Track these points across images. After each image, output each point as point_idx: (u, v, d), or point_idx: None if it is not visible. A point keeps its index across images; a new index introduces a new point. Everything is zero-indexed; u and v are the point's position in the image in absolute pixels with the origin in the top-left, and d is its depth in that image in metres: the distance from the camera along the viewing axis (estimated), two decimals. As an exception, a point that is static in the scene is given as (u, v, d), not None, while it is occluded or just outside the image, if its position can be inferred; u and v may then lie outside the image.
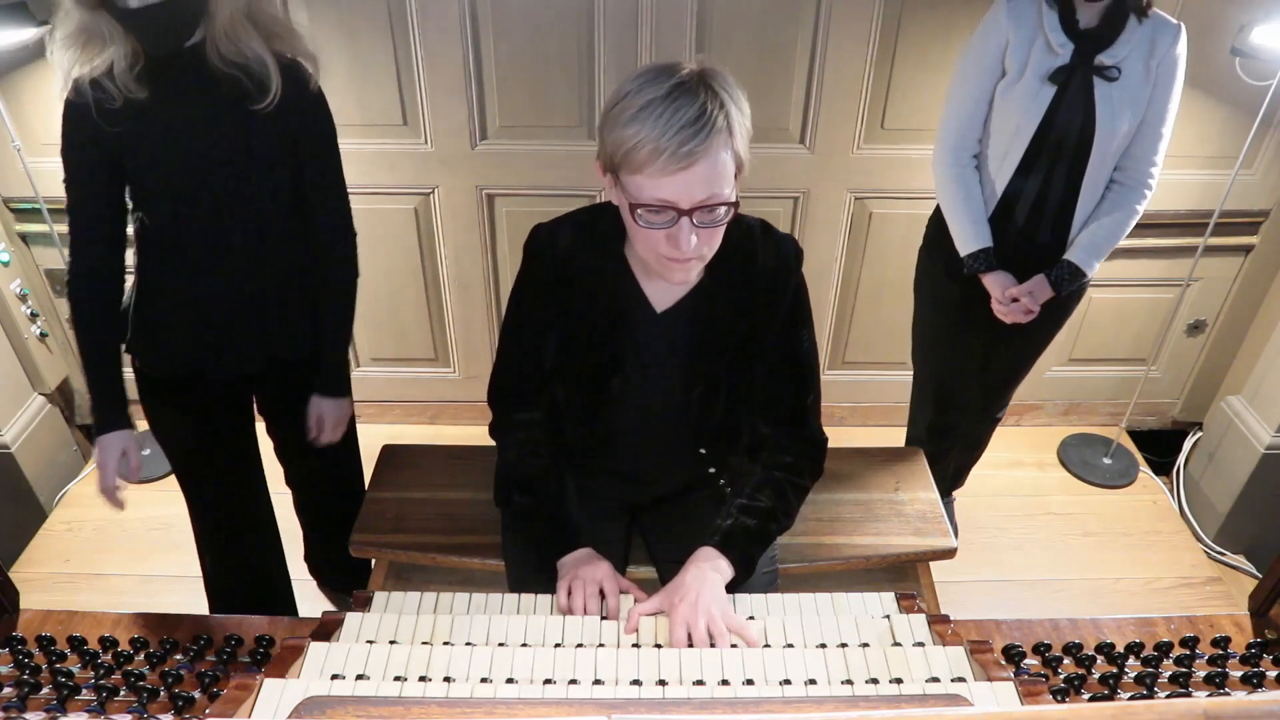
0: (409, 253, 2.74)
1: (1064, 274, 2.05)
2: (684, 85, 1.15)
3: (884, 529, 1.95)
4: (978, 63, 1.98)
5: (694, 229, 1.20)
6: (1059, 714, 0.86)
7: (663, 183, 1.17)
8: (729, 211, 1.22)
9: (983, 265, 2.06)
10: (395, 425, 3.10)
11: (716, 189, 1.18)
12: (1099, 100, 1.90)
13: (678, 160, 1.14)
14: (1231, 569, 2.66)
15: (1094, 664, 1.31)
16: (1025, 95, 1.93)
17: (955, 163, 2.06)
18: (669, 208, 1.19)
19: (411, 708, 0.97)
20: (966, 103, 2.02)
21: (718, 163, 1.17)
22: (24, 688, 1.18)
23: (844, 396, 3.07)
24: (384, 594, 1.42)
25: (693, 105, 1.14)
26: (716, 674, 1.15)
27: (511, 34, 2.37)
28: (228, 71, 1.46)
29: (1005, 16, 1.92)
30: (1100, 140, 1.93)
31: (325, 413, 1.80)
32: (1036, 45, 1.91)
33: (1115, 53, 1.89)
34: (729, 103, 1.17)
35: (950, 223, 2.10)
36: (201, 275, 1.62)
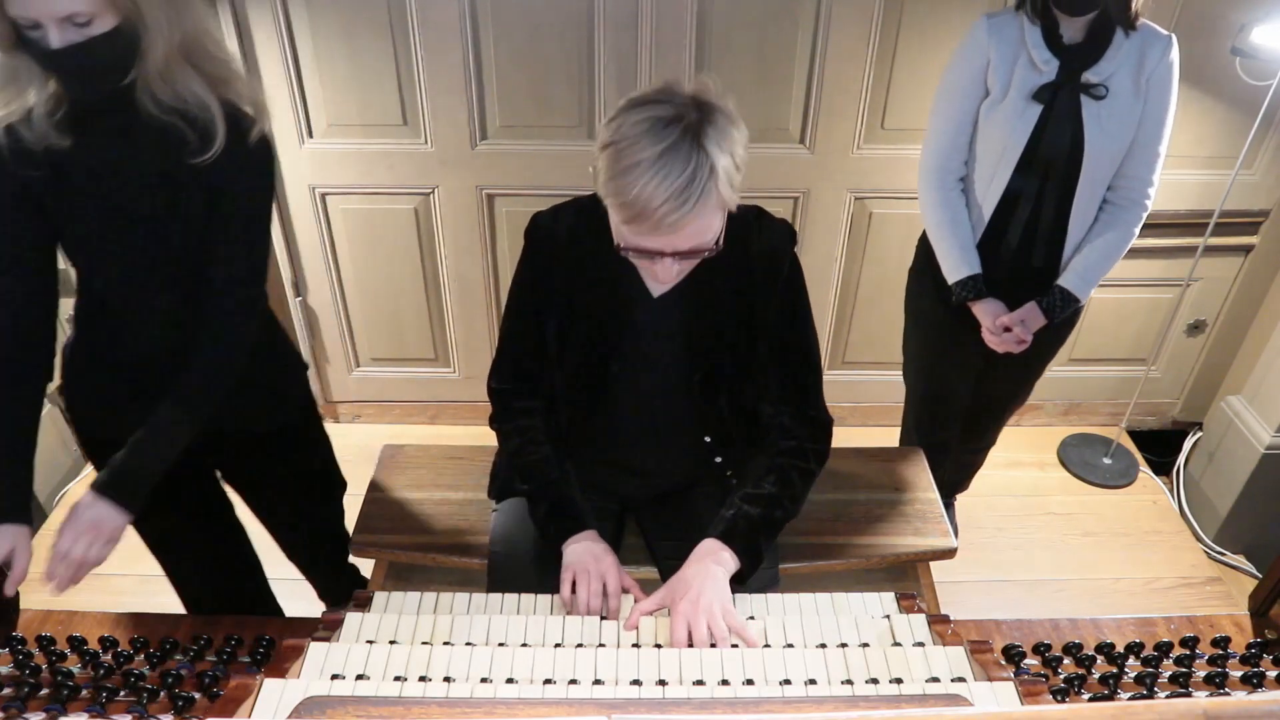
0: (409, 253, 2.75)
1: (1056, 301, 1.99)
2: (675, 148, 1.14)
3: (884, 529, 1.95)
4: (958, 83, 1.91)
5: (676, 262, 1.25)
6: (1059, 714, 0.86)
7: (647, 239, 1.21)
8: (713, 252, 1.26)
9: (972, 293, 1.99)
10: (395, 425, 3.10)
11: (700, 241, 1.22)
12: (1087, 119, 1.83)
13: (664, 227, 1.17)
14: (1231, 569, 2.66)
15: (1094, 664, 1.31)
16: (1010, 115, 1.85)
17: (940, 186, 1.99)
18: (654, 253, 1.23)
19: (411, 708, 0.97)
20: (949, 124, 1.95)
21: (705, 223, 1.20)
22: (24, 688, 1.18)
23: (844, 396, 3.07)
24: (384, 594, 1.42)
25: (683, 172, 1.14)
26: (716, 674, 1.15)
27: (511, 34, 2.37)
28: (163, 118, 1.29)
29: (985, 34, 1.84)
30: (1090, 160, 1.86)
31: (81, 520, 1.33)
32: (1020, 63, 1.83)
33: (1102, 69, 1.81)
34: (720, 156, 1.16)
35: (937, 249, 2.03)
36: (131, 338, 1.47)
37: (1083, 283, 1.97)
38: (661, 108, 1.17)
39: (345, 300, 2.86)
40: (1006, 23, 1.84)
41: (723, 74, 2.42)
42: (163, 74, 1.26)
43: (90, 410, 1.56)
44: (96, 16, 1.16)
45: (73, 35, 1.16)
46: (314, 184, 2.61)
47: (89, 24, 1.16)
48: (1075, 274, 1.98)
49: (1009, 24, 1.84)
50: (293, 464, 1.79)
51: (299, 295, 2.82)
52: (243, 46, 2.36)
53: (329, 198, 2.64)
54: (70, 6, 1.14)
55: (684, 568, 1.35)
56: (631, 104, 1.19)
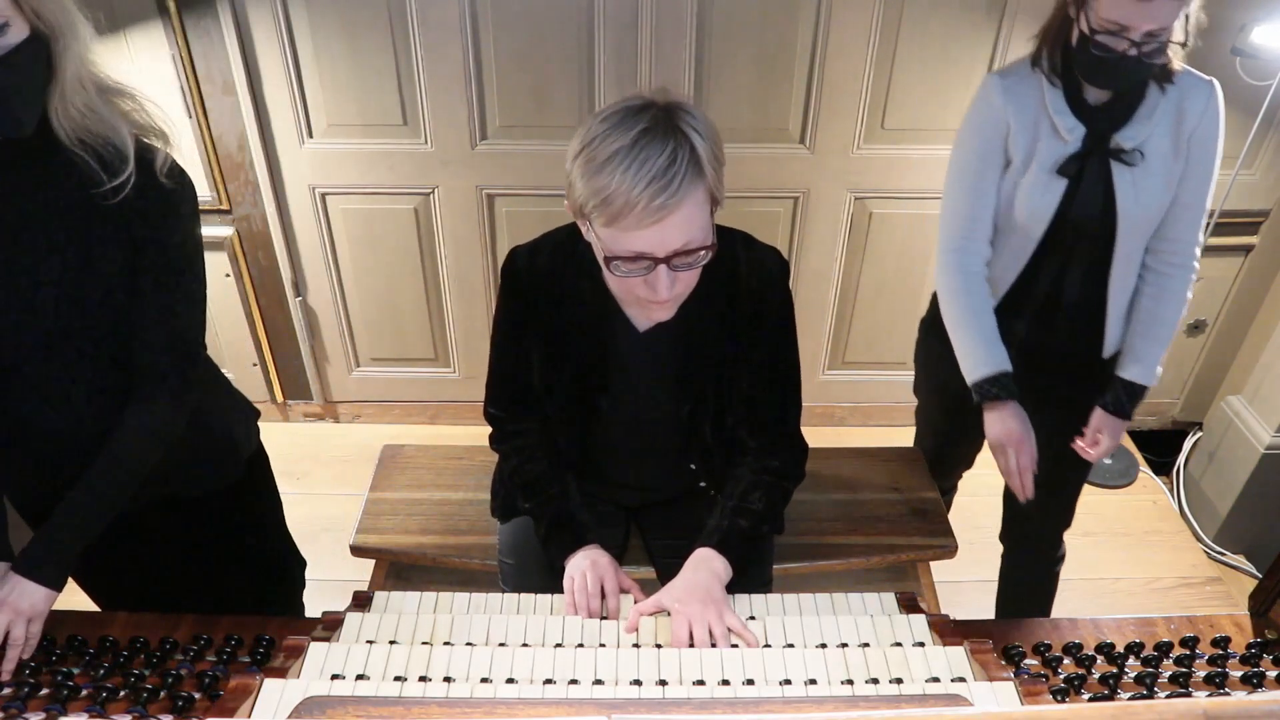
0: (409, 253, 2.74)
1: (1122, 396, 1.71)
2: (650, 131, 1.10)
3: (884, 529, 1.95)
4: (977, 153, 1.66)
5: (672, 274, 1.18)
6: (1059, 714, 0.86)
7: (636, 235, 1.13)
8: (707, 254, 1.19)
9: (1004, 393, 1.67)
10: (395, 425, 3.10)
11: (692, 234, 1.15)
12: (1120, 186, 1.58)
13: (650, 214, 1.10)
14: (1231, 569, 2.66)
15: (1094, 664, 1.31)
16: (1032, 190, 1.61)
17: (961, 271, 1.70)
18: (644, 258, 1.16)
19: (411, 708, 0.97)
20: (970, 201, 1.68)
21: (691, 210, 1.13)
22: (24, 688, 1.18)
23: (844, 396, 3.08)
24: (384, 594, 1.42)
25: (661, 153, 1.09)
26: (716, 674, 1.15)
27: (511, 34, 2.37)
28: (75, 153, 1.18)
29: (1000, 97, 1.61)
30: (1125, 231, 1.61)
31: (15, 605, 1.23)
32: (1041, 130, 1.60)
33: (1135, 132, 1.56)
34: (698, 140, 1.12)
35: (957, 343, 1.73)
36: (53, 411, 1.32)
37: (1147, 370, 1.70)
38: (629, 103, 1.16)
39: (345, 300, 2.86)
40: (1022, 83, 1.61)
41: (723, 74, 2.42)
42: (77, 92, 1.16)
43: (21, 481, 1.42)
44: (11, 22, 1.09)
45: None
46: (314, 184, 2.61)
47: (5, 31, 1.08)
48: (1137, 361, 1.70)
49: (1025, 85, 1.60)
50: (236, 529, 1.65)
51: (299, 295, 2.82)
52: (243, 46, 2.36)
53: (329, 198, 2.64)
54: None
55: (683, 571, 1.36)
56: (596, 114, 1.17)
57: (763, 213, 2.66)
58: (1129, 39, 1.43)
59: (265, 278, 2.78)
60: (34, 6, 1.10)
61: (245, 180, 2.58)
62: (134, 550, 1.54)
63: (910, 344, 2.44)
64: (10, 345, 1.26)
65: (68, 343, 1.28)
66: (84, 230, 1.22)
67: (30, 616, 1.25)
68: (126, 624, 1.38)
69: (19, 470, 1.41)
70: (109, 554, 1.41)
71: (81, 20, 1.17)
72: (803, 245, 2.73)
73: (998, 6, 2.33)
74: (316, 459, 2.98)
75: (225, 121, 2.47)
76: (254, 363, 2.93)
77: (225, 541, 1.64)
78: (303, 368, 2.98)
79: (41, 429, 1.34)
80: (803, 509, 1.99)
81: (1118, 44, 1.44)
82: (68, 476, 1.31)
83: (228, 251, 2.67)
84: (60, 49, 1.14)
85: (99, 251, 1.24)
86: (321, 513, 2.68)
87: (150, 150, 1.25)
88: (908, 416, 3.03)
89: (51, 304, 1.24)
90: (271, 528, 1.78)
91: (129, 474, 1.32)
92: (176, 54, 2.34)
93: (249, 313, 2.81)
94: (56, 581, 1.27)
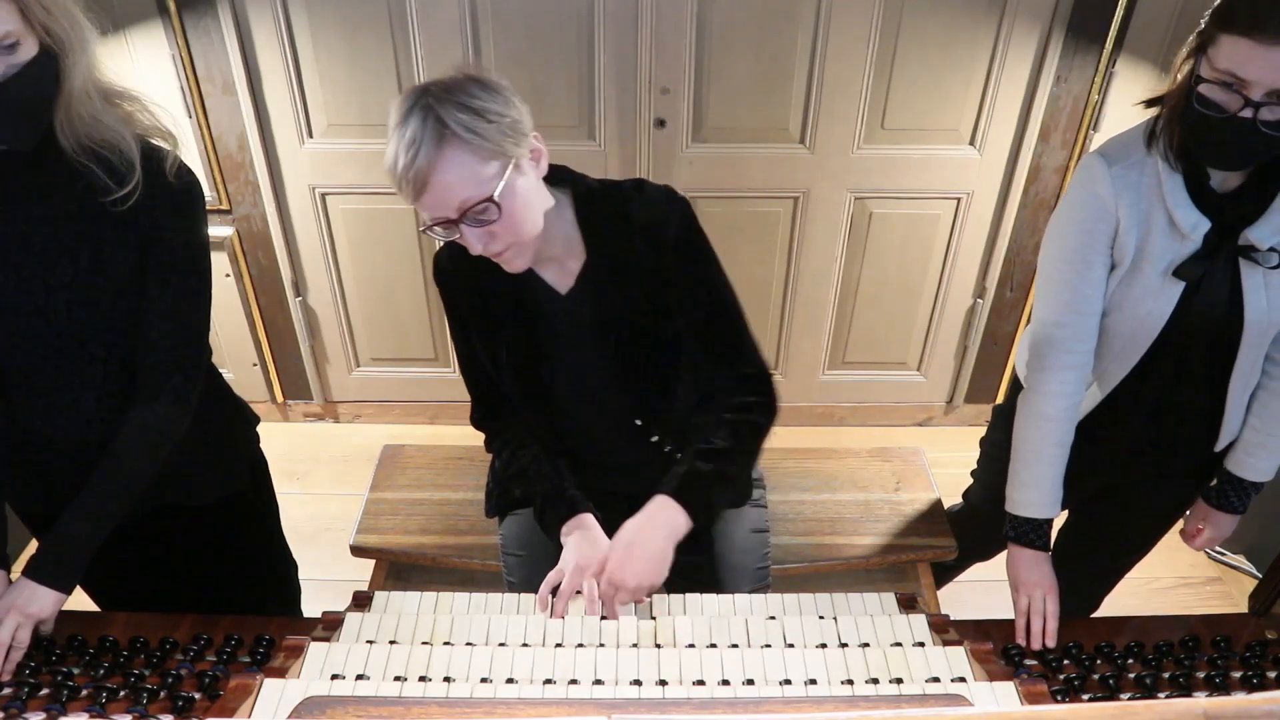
0: (409, 252, 2.74)
1: (1229, 490, 1.55)
2: (409, 111, 1.18)
3: (884, 529, 1.95)
4: (1079, 251, 1.39)
5: (476, 230, 1.23)
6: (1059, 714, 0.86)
7: (420, 205, 1.22)
8: (493, 208, 1.21)
9: (1036, 541, 1.49)
10: (395, 425, 3.10)
11: (465, 194, 1.20)
12: (1249, 291, 1.34)
13: (413, 188, 1.19)
14: (1231, 569, 2.65)
15: (1094, 664, 1.31)
16: (1143, 294, 1.38)
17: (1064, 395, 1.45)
18: (441, 221, 1.23)
19: (411, 708, 0.97)
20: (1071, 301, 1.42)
21: (451, 175, 1.18)
22: (24, 688, 1.18)
23: (844, 396, 3.08)
24: (384, 594, 1.42)
25: (406, 132, 1.17)
26: (716, 674, 1.15)
27: (511, 34, 2.37)
28: (82, 163, 1.19)
29: (1108, 185, 1.34)
30: (1250, 340, 1.38)
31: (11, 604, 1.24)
32: (1155, 224, 1.34)
33: (1272, 226, 1.29)
34: (447, 112, 1.17)
35: (1015, 463, 1.51)
36: (63, 415, 1.33)
37: (1261, 466, 1.52)
38: (409, 94, 1.21)
39: (345, 300, 2.86)
40: (1133, 170, 1.34)
41: (723, 74, 2.42)
42: (83, 104, 1.16)
43: (28, 488, 1.42)
44: (21, 41, 1.09)
45: (4, 65, 1.08)
46: (314, 184, 2.61)
47: (15, 50, 1.09)
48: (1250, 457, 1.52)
49: (1137, 172, 1.34)
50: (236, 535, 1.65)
51: (299, 295, 2.82)
52: (243, 46, 2.36)
53: (329, 198, 2.64)
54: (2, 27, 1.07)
55: (636, 519, 1.34)
56: None
57: (763, 213, 2.66)
58: (1244, 96, 1.16)
59: (265, 278, 2.78)
60: (44, 23, 1.11)
61: (245, 180, 2.58)
62: (133, 556, 1.54)
63: (909, 344, 2.45)
64: (22, 351, 1.27)
65: (80, 347, 1.29)
66: (94, 233, 1.23)
67: (39, 619, 1.26)
68: (126, 624, 1.38)
69: (27, 477, 1.41)
70: (109, 558, 1.40)
71: (90, 33, 1.18)
72: (803, 245, 2.73)
73: (998, 6, 2.33)
74: (316, 459, 2.98)
75: (225, 121, 2.47)
76: (254, 363, 2.93)
77: (224, 550, 1.64)
78: (303, 368, 2.98)
79: (51, 435, 1.35)
80: (803, 509, 2.00)
81: (1230, 101, 1.18)
82: (75, 483, 1.31)
83: (228, 251, 2.67)
84: (69, 64, 1.14)
85: (110, 253, 1.25)
86: (321, 513, 2.68)
87: (159, 151, 1.26)
88: (908, 416, 3.04)
89: (64, 308, 1.25)
90: (270, 537, 1.78)
91: (134, 476, 1.31)
92: (176, 54, 2.34)
93: (249, 313, 2.82)
94: (65, 586, 1.28)
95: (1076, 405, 1.47)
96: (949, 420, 3.10)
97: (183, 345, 1.33)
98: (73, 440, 1.35)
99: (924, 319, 2.90)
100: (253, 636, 1.33)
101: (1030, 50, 2.39)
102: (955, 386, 3.04)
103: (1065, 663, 1.31)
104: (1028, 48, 2.38)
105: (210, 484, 1.53)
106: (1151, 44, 2.30)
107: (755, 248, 2.72)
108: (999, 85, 2.43)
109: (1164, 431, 1.53)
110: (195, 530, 1.57)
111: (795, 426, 3.09)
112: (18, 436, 1.35)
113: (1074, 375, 1.45)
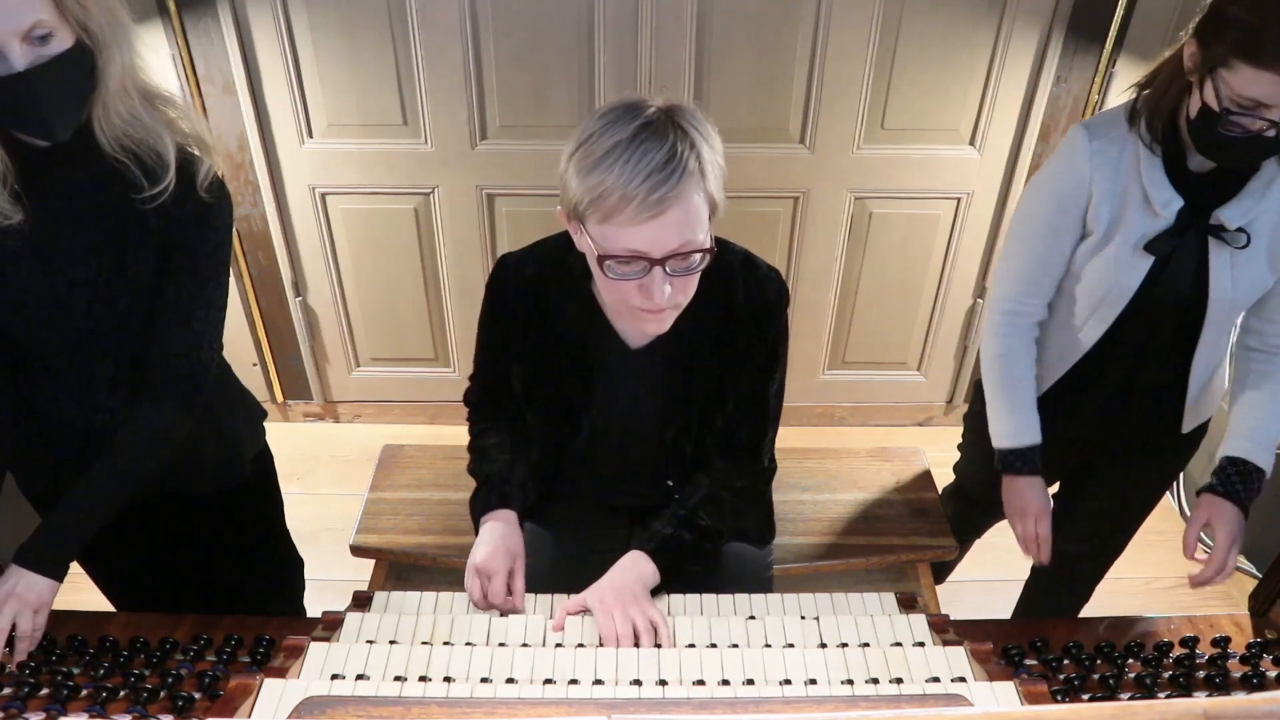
0: (409, 253, 2.75)
1: (1233, 476, 1.49)
2: (651, 125, 1.09)
3: (884, 529, 1.96)
4: (1049, 216, 1.48)
5: (667, 278, 1.14)
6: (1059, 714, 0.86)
7: (633, 232, 1.10)
8: (704, 258, 1.16)
9: (1026, 467, 1.59)
10: (395, 425, 3.10)
11: (690, 235, 1.12)
12: (1215, 269, 1.40)
13: (648, 208, 1.07)
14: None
15: (1094, 664, 1.31)
16: (1113, 266, 1.44)
17: (1010, 333, 1.58)
18: (640, 258, 1.12)
19: (411, 708, 0.97)
20: (1031, 264, 1.53)
21: (690, 207, 1.10)
22: (24, 688, 1.18)
23: (844, 396, 3.08)
24: (384, 594, 1.42)
25: (661, 147, 1.07)
26: (716, 674, 1.15)
27: (511, 34, 2.37)
28: (117, 160, 1.19)
29: (1087, 159, 1.40)
30: (1214, 318, 1.45)
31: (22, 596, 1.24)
32: (1131, 200, 1.39)
33: (1244, 208, 1.35)
34: (700, 141, 1.11)
35: (991, 406, 1.62)
36: (72, 404, 1.37)
37: (1258, 447, 1.49)
38: (628, 100, 1.14)
39: (345, 300, 2.86)
40: (1114, 145, 1.40)
41: (723, 74, 2.42)
42: (121, 101, 1.17)
43: (32, 470, 1.47)
44: (55, 32, 1.08)
45: (36, 55, 1.08)
46: (314, 184, 2.61)
47: (49, 41, 1.08)
48: (1246, 439, 1.50)
49: (1118, 147, 1.40)
50: (240, 528, 1.67)
51: (299, 295, 2.82)
52: (243, 46, 2.36)
53: (329, 198, 2.64)
54: (33, 16, 1.06)
55: (611, 570, 1.34)
56: (594, 112, 1.15)
57: (763, 213, 2.66)
58: (1268, 119, 1.22)
59: (265, 278, 2.78)
60: (80, 19, 1.11)
61: (245, 180, 2.58)
62: (139, 543, 1.56)
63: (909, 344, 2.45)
64: (40, 340, 1.31)
65: (95, 342, 1.32)
66: (119, 235, 1.25)
67: (36, 607, 1.26)
68: (126, 624, 1.38)
69: (35, 459, 1.44)
70: (115, 546, 1.43)
71: (132, 30, 1.18)
72: (803, 245, 2.73)
73: (997, 6, 2.33)
74: (316, 459, 2.98)
75: (225, 121, 2.47)
76: (254, 363, 2.93)
77: (228, 540, 1.65)
78: (303, 368, 2.98)
79: (61, 421, 1.38)
80: (803, 509, 2.00)
81: (1253, 124, 1.23)
82: (80, 468, 1.32)
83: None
84: (106, 60, 1.14)
85: (132, 256, 1.27)
86: (322, 513, 2.68)
87: (194, 161, 1.26)
88: (908, 416, 3.04)
89: (84, 304, 1.27)
90: (274, 528, 1.79)
91: (132, 473, 1.32)
92: (176, 54, 2.34)
93: (249, 313, 2.82)
94: (58, 572, 1.29)
95: (1031, 341, 1.59)
96: (949, 420, 3.10)
97: (194, 351, 1.34)
98: (82, 428, 1.39)
99: (924, 319, 2.90)
100: (253, 636, 1.33)
101: (1030, 50, 2.39)
102: (955, 386, 3.04)
103: (1065, 663, 1.31)
104: (1028, 48, 2.39)
105: (211, 474, 1.54)
106: (1151, 44, 2.30)
107: (755, 248, 2.67)
108: (999, 85, 2.44)
109: (1131, 406, 1.59)
110: (197, 520, 1.58)
111: (795, 426, 3.09)
112: (31, 422, 1.38)
113: (1030, 322, 1.58)
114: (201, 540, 1.62)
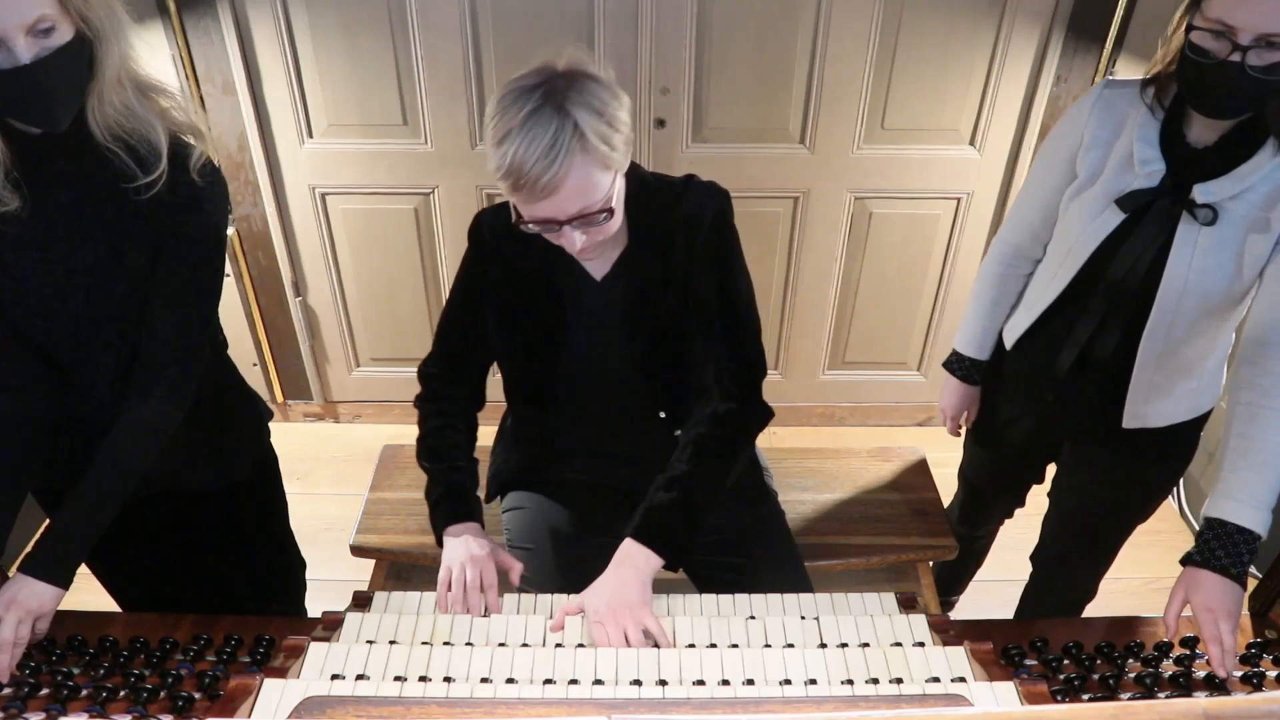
0: (409, 252, 2.75)
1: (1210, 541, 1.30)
2: (536, 112, 1.16)
3: (884, 529, 1.96)
4: (1049, 158, 1.54)
5: (577, 230, 1.24)
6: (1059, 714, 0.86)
7: (535, 206, 1.21)
8: (607, 215, 1.25)
9: (960, 373, 1.81)
10: (395, 425, 3.10)
11: (587, 201, 1.22)
12: (1178, 244, 1.37)
13: (541, 190, 1.18)
14: (1231, 569, 2.65)
15: (1094, 664, 1.31)
16: (1084, 213, 1.45)
17: (1001, 261, 1.69)
18: (550, 221, 1.23)
19: (411, 708, 0.97)
20: (1032, 204, 1.59)
21: (581, 181, 1.19)
22: (24, 688, 1.18)
23: (844, 396, 3.08)
24: (384, 594, 1.42)
25: (545, 134, 1.15)
26: (716, 674, 1.15)
27: (511, 34, 2.37)
28: (111, 149, 1.20)
29: (1091, 104, 1.45)
30: (1164, 296, 1.40)
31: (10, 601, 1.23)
32: (1117, 153, 1.42)
33: (1222, 187, 1.32)
34: (585, 120, 1.17)
35: (966, 316, 1.77)
36: (75, 397, 1.38)
37: (1256, 511, 1.30)
38: (527, 79, 1.20)
39: (345, 300, 2.86)
40: (1122, 99, 1.43)
41: (723, 74, 2.42)
42: (114, 92, 1.18)
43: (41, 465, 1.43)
44: (57, 25, 1.10)
45: (40, 47, 1.09)
46: (314, 184, 2.61)
47: (51, 34, 1.10)
48: (1236, 501, 1.30)
49: (1124, 102, 1.42)
50: (242, 528, 1.67)
51: (299, 295, 2.82)
52: (243, 46, 2.36)
53: (329, 198, 2.64)
54: (37, 10, 1.07)
55: (606, 571, 1.34)
56: (504, 86, 1.22)
57: (763, 213, 2.66)
58: (1233, 41, 1.21)
59: (265, 278, 2.78)
60: (80, 11, 1.12)
61: (245, 180, 2.58)
62: (138, 541, 1.56)
63: (909, 344, 2.45)
64: (41, 330, 1.31)
65: (95, 332, 1.32)
66: (116, 223, 1.26)
67: (39, 615, 1.26)
68: (126, 624, 1.38)
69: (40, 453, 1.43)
70: (120, 544, 1.43)
71: (127, 22, 1.19)
72: (803, 245, 2.73)
73: (997, 6, 2.33)
74: (317, 459, 2.98)
75: (225, 121, 2.47)
76: (254, 363, 2.93)
77: (232, 540, 1.66)
78: (303, 368, 2.98)
79: (64, 414, 1.38)
80: (803, 509, 2.00)
81: (1220, 48, 1.22)
82: (84, 464, 1.33)
83: (228, 251, 2.67)
84: (103, 51, 1.15)
85: (129, 244, 1.27)
86: (322, 513, 2.68)
87: (186, 147, 1.27)
88: (907, 416, 3.04)
89: (82, 293, 1.28)
90: (278, 530, 1.79)
91: (128, 471, 1.32)
92: (176, 54, 2.34)
93: (249, 313, 2.82)
94: (64, 580, 1.28)
95: (1019, 276, 1.69)
96: (949, 420, 3.10)
97: (182, 336, 1.34)
98: (86, 421, 1.39)
99: (924, 319, 2.90)
100: (253, 636, 1.33)
101: (1030, 50, 2.39)
102: (955, 386, 3.04)
103: (1065, 663, 1.31)
104: (1028, 48, 2.39)
105: (210, 472, 1.55)
106: (1151, 44, 2.27)
107: (755, 248, 2.72)
108: (999, 85, 2.44)
109: (1086, 383, 1.57)
110: (198, 518, 1.59)
111: (795, 426, 3.09)
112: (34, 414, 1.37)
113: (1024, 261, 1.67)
114: (205, 539, 1.63)
